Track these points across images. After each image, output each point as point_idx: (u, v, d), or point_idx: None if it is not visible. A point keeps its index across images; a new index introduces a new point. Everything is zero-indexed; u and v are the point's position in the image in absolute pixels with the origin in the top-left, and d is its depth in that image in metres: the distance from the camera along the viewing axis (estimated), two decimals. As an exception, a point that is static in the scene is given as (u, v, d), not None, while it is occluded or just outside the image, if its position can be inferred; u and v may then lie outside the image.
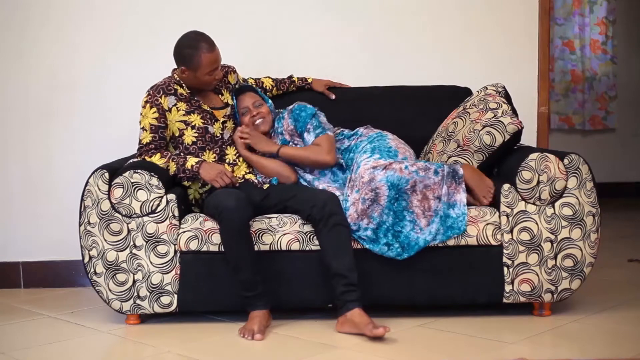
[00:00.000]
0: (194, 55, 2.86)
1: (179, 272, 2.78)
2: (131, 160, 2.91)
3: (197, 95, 3.00)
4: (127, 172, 2.75)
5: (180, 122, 2.94)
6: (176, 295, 2.78)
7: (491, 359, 2.42)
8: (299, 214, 2.82)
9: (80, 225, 2.79)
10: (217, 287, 2.79)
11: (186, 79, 2.95)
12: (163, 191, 2.76)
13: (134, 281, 2.78)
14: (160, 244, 2.77)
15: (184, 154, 2.94)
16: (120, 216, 2.76)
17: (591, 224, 2.78)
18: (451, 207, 2.78)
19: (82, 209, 2.78)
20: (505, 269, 2.78)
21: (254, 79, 3.34)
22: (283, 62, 3.55)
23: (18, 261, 3.53)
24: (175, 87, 2.96)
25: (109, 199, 2.76)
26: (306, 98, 3.37)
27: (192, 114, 2.96)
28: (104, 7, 3.53)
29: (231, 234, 2.68)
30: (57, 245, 3.49)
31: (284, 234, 2.77)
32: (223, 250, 2.72)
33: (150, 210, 2.76)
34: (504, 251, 2.78)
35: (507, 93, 3.11)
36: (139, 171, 2.75)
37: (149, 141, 2.90)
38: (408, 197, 2.75)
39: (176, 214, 2.78)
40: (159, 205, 2.76)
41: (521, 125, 2.90)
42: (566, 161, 2.77)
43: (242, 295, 2.71)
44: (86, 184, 2.78)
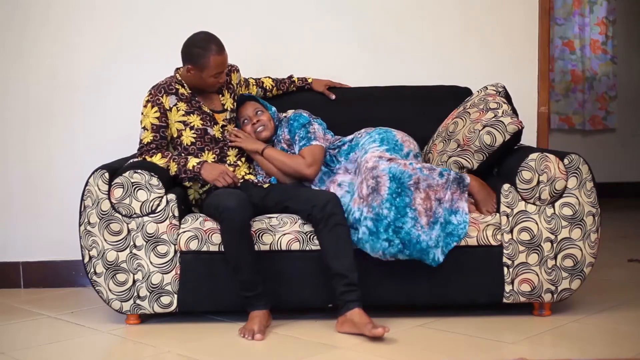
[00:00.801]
0: (202, 55, 2.86)
1: (179, 272, 2.78)
2: (131, 160, 2.91)
3: (198, 95, 3.00)
4: (127, 172, 2.76)
5: (179, 122, 2.94)
6: (176, 295, 2.78)
7: (491, 359, 2.42)
8: (299, 214, 2.82)
9: (80, 225, 2.79)
10: (217, 287, 2.79)
11: (190, 77, 2.94)
12: (163, 191, 2.77)
13: (134, 281, 2.78)
14: (160, 244, 2.77)
15: (184, 154, 2.94)
16: (120, 216, 2.76)
17: (591, 224, 2.78)
18: (453, 213, 2.78)
19: (82, 209, 2.78)
20: (505, 269, 2.78)
21: (254, 78, 3.34)
22: (283, 62, 3.55)
23: (18, 261, 3.53)
24: (177, 87, 2.96)
25: (109, 199, 2.76)
26: (306, 98, 3.37)
27: (191, 114, 2.96)
28: (104, 7, 3.53)
29: (232, 234, 2.68)
30: (57, 245, 3.49)
31: (284, 234, 2.77)
32: (223, 250, 2.72)
33: (150, 210, 2.76)
34: (504, 251, 2.78)
35: (507, 93, 3.11)
36: (139, 171, 2.75)
37: (149, 140, 2.90)
38: (411, 194, 2.74)
39: (176, 214, 2.78)
40: (159, 205, 2.76)
41: (521, 125, 2.90)
42: (566, 161, 2.77)
43: (242, 295, 2.71)
44: (86, 184, 2.78)
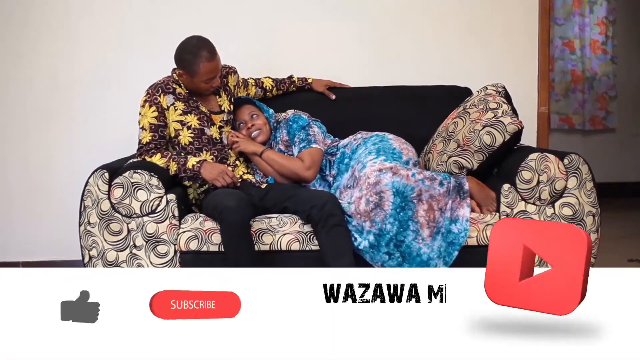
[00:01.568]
0: (193, 62, 2.86)
1: (179, 272, 2.77)
2: (131, 160, 2.91)
3: (196, 95, 3.00)
4: (127, 172, 2.76)
5: (177, 122, 2.94)
6: (176, 295, 2.78)
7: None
8: (298, 214, 2.81)
9: (80, 225, 2.79)
10: (217, 287, 2.78)
11: (183, 82, 2.95)
12: (163, 191, 2.77)
13: (134, 281, 2.78)
14: (160, 244, 2.77)
15: (183, 154, 2.94)
16: (120, 216, 2.76)
17: (591, 224, 2.78)
18: (453, 222, 2.77)
19: (82, 209, 2.78)
20: (505, 269, 2.78)
21: (254, 79, 3.34)
22: (283, 62, 3.55)
23: (18, 261, 3.54)
24: (174, 87, 2.96)
25: (109, 199, 2.76)
26: (306, 98, 3.37)
27: (189, 114, 2.96)
28: (103, 7, 3.53)
29: (232, 234, 2.67)
30: (57, 245, 3.50)
31: (284, 234, 2.77)
32: (223, 250, 2.72)
33: (150, 210, 2.76)
34: (504, 251, 2.77)
35: (507, 93, 3.11)
36: (139, 171, 2.75)
37: (148, 140, 2.90)
38: (414, 207, 2.73)
39: (176, 214, 2.78)
40: (159, 205, 2.76)
41: (521, 125, 2.90)
42: (566, 161, 2.77)
43: (242, 295, 2.70)
44: (86, 184, 2.78)
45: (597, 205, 2.79)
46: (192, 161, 2.87)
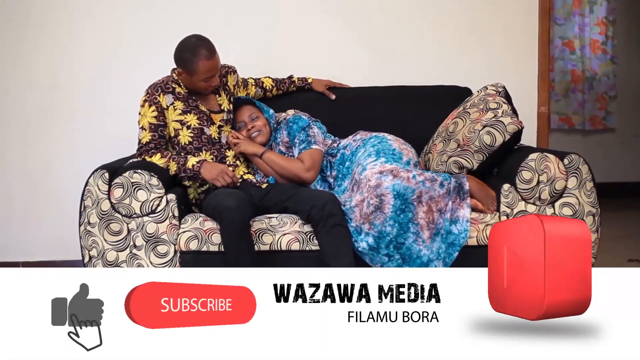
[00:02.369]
0: (192, 60, 2.86)
1: (179, 272, 2.77)
2: (131, 160, 2.91)
3: (195, 95, 3.00)
4: (127, 172, 2.75)
5: (176, 121, 2.94)
6: (176, 295, 2.78)
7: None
8: (299, 214, 2.81)
9: (80, 225, 2.79)
10: (217, 287, 2.78)
11: (182, 80, 2.95)
12: (163, 191, 2.76)
13: (134, 281, 2.78)
14: (160, 244, 2.77)
15: (183, 154, 2.94)
16: (120, 216, 2.76)
17: (591, 224, 2.78)
18: (453, 223, 2.77)
19: (82, 209, 2.78)
20: (505, 269, 2.78)
21: (254, 78, 3.34)
22: (283, 62, 3.55)
23: (18, 261, 3.54)
24: (174, 86, 2.96)
25: (109, 199, 2.76)
26: (306, 98, 3.37)
27: (188, 113, 2.96)
28: (104, 7, 3.53)
29: (232, 234, 2.67)
30: (57, 245, 3.50)
31: (284, 234, 2.77)
32: (223, 250, 2.72)
33: (150, 210, 2.76)
34: (504, 251, 2.78)
35: (507, 93, 3.11)
36: (139, 171, 2.75)
37: (148, 140, 2.90)
38: (414, 209, 2.73)
39: (176, 214, 2.78)
40: (159, 205, 2.76)
41: (521, 125, 2.90)
42: (566, 161, 2.77)
43: (242, 295, 2.70)
44: (86, 184, 2.77)
45: (597, 205, 2.79)
46: (192, 161, 2.87)
